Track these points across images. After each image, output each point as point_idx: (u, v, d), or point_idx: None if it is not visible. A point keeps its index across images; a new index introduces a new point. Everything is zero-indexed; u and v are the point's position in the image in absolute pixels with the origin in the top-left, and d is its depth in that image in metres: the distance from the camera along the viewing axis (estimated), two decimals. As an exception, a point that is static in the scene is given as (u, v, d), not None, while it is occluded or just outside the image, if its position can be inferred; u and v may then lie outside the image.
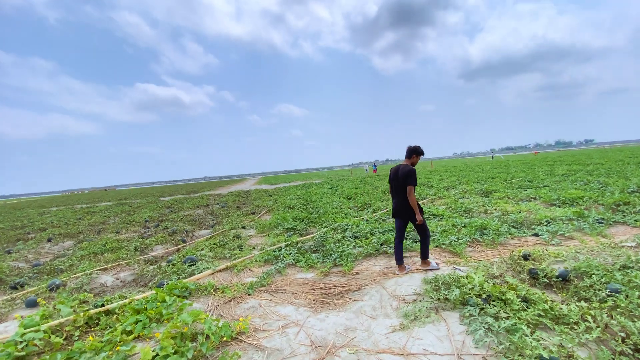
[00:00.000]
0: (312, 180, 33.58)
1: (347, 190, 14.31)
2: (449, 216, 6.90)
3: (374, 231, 5.98)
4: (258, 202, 14.35)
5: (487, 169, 23.61)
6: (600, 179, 10.65)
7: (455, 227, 5.80)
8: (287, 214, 9.06)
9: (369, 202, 10.22)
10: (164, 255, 6.30)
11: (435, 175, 20.91)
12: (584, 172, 14.20)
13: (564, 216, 5.84)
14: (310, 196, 13.92)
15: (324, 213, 8.78)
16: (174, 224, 9.86)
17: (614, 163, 17.81)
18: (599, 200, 6.98)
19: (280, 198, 15.15)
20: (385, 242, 5.13)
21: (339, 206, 10.13)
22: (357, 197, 12.30)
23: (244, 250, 5.69)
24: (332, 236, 5.96)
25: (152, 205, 17.38)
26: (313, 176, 50.09)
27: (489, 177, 15.99)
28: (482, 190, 10.79)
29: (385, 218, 7.63)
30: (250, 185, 35.99)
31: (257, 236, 7.02)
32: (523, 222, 6.07)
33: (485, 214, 7.26)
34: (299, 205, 11.14)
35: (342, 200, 11.37)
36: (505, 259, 4.13)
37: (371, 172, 37.74)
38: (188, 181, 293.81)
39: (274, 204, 12.55)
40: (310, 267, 4.51)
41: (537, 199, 8.63)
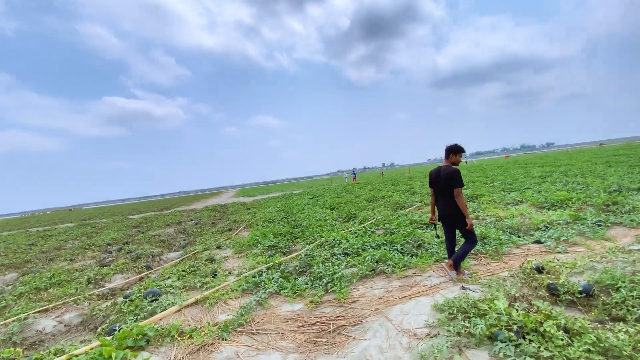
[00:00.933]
0: (292, 190, 32.81)
1: (330, 200, 13.76)
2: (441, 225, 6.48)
3: (366, 246, 5.42)
4: (235, 216, 13.45)
5: (464, 173, 23.97)
6: (577, 179, 10.78)
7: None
8: (267, 229, 8.33)
9: (354, 212, 9.70)
10: (123, 287, 5.41)
11: (415, 182, 20.86)
12: (559, 173, 14.52)
13: (560, 220, 5.57)
14: (291, 208, 13.23)
15: (307, 226, 8.13)
16: (140, 246, 8.82)
17: (582, 164, 18.51)
18: (588, 201, 6.85)
19: (260, 211, 14.33)
20: (381, 259, 4.56)
21: (323, 217, 9.52)
22: (340, 207, 11.76)
23: (218, 276, 4.92)
24: (319, 254, 5.33)
25: (118, 225, 15.96)
26: (292, 186, 49.27)
27: (469, 181, 16.02)
28: (467, 195, 10.59)
29: (374, 229, 7.11)
30: (228, 199, 34.62)
31: (234, 257, 6.25)
32: (519, 227, 5.75)
33: (477, 220, 6.92)
34: (279, 219, 10.42)
35: (325, 211, 10.78)
36: (517, 273, 3.68)
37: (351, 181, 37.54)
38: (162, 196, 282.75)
39: (252, 218, 11.73)
40: (297, 295, 3.84)
41: (525, 202, 8.46)
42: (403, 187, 16.84)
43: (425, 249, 5.14)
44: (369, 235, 6.75)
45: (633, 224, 5.01)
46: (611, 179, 9.68)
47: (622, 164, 15.01)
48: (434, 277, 3.91)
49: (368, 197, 13.91)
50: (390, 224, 7.28)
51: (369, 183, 25.93)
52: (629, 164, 14.48)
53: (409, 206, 10.30)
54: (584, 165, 17.15)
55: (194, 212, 19.52)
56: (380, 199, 13.20)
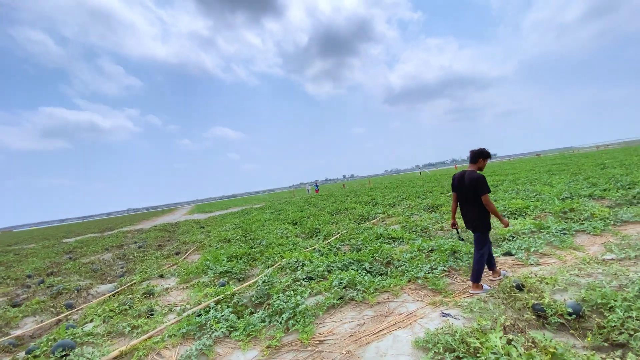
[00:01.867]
0: (252, 205, 31.47)
1: (292, 214, 13.09)
2: (408, 238, 6.17)
3: (332, 267, 4.86)
4: (186, 236, 12.17)
5: (420, 184, 24.72)
6: (527, 187, 11.34)
7: (422, 251, 5.01)
8: (221, 251, 7.43)
9: (317, 226, 9.14)
10: (34, 334, 4.27)
11: (376, 192, 20.98)
12: (508, 181, 15.38)
13: (525, 229, 5.52)
14: (251, 224, 12.32)
15: (267, 246, 7.39)
16: (66, 278, 7.39)
17: (526, 172, 19.98)
18: (545, 209, 7.02)
19: (215, 230, 13.17)
20: (350, 283, 4.02)
21: (285, 234, 8.83)
22: (303, 221, 11.14)
23: (155, 316, 4.02)
24: (279, 280, 4.66)
25: (46, 252, 13.68)
26: (253, 200, 47.58)
27: (427, 191, 16.37)
28: (428, 205, 10.60)
29: (339, 246, 6.59)
30: (180, 216, 32.21)
31: (179, 288, 5.31)
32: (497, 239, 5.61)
33: (442, 231, 6.74)
34: (236, 238, 9.51)
35: (287, 227, 10.08)
36: (497, 292, 3.36)
37: (313, 193, 37.13)
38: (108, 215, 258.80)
39: (205, 239, 10.63)
40: (251, 337, 3.14)
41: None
42: (365, 199, 16.72)
43: (395, 266, 4.73)
44: (335, 252, 6.22)
45: (597, 231, 5.04)
46: (559, 186, 10.28)
47: (563, 172, 16.36)
48: (409, 302, 3.45)
49: (331, 209, 13.48)
50: (356, 238, 6.83)
51: (332, 195, 25.68)
52: (569, 171, 15.82)
53: (372, 218, 10.02)
54: (529, 174, 18.47)
55: (140, 232, 17.59)
56: (343, 211, 12.83)
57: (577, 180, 11.37)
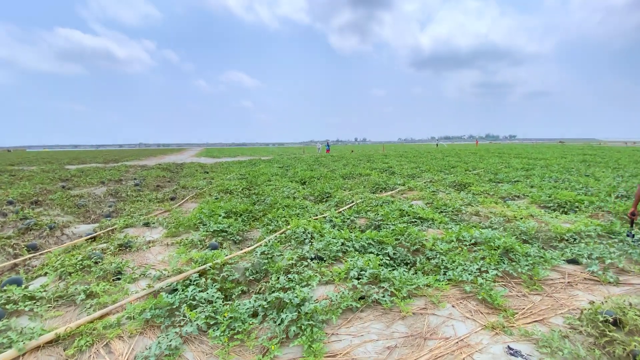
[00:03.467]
0: (261, 156, 30.60)
1: (301, 173, 12.10)
2: (440, 220, 5.16)
3: (347, 247, 3.92)
4: (187, 180, 11.38)
5: (439, 156, 23.24)
6: (567, 177, 10.03)
7: (463, 243, 4.01)
8: (219, 203, 6.57)
9: (328, 190, 8.17)
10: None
11: (391, 160, 19.73)
12: (540, 167, 13.97)
13: (589, 230, 4.43)
14: (257, 177, 11.42)
15: (271, 205, 6.48)
16: (48, 209, 6.71)
17: (557, 159, 18.32)
18: (603, 207, 5.86)
19: (218, 177, 12.35)
20: (372, 278, 3.06)
21: (292, 194, 7.90)
22: (313, 182, 10.17)
23: (121, 281, 3.20)
24: (281, 254, 3.76)
25: (42, 176, 13.17)
26: (262, 152, 46.73)
27: (450, 166, 15.10)
28: (455, 183, 9.47)
29: (353, 217, 5.64)
30: (188, 157, 31.67)
31: (163, 243, 4.49)
32: (536, 235, 4.56)
33: (477, 216, 5.70)
34: (239, 190, 8.64)
35: (295, 186, 9.14)
36: (580, 325, 2.39)
37: (324, 152, 35.92)
38: (120, 147, 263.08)
39: (207, 186, 9.81)
40: (236, 340, 2.27)
41: (522, 197, 7.43)
42: (380, 165, 15.57)
43: (427, 257, 3.78)
44: (349, 226, 5.29)
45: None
46: (605, 181, 8.97)
47: (599, 164, 14.80)
48: (457, 320, 2.51)
49: (343, 173, 12.43)
50: (374, 212, 5.86)
51: (343, 157, 24.50)
52: (607, 165, 14.25)
53: (390, 189, 8.99)
54: (561, 161, 16.89)
55: (143, 169, 16.97)
56: (357, 176, 11.79)
57: (624, 177, 10.00)
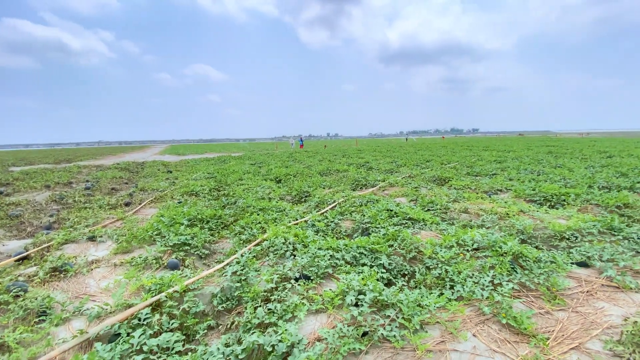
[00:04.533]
0: (231, 152, 29.23)
1: (275, 170, 11.35)
2: (431, 221, 4.73)
3: (337, 259, 3.34)
4: (147, 182, 10.25)
5: (411, 151, 23.40)
6: (542, 169, 10.16)
7: (464, 249, 3.57)
8: (182, 208, 5.73)
9: (306, 189, 7.55)
10: None
11: (366, 155, 19.46)
12: (511, 159, 14.26)
13: (590, 227, 4.18)
14: (226, 176, 10.53)
15: (244, 208, 5.75)
16: (-33, 223, 5.51)
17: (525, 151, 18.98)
18: (590, 199, 5.75)
19: (183, 176, 11.29)
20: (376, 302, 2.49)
21: (267, 194, 7.19)
22: (289, 180, 9.49)
23: (46, 322, 2.39)
24: (258, 272, 3.10)
25: (-27, 181, 11.35)
26: (232, 148, 44.97)
27: (424, 160, 15.05)
28: (434, 177, 9.22)
29: (338, 220, 5.07)
30: (151, 155, 29.58)
31: (109, 263, 3.65)
32: (535, 234, 4.27)
33: (467, 214, 5.36)
34: (206, 191, 7.77)
35: (269, 185, 8.42)
36: (623, 347, 1.99)
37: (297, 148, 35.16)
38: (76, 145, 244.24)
39: (169, 187, 8.81)
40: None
41: (505, 191, 7.27)
42: (356, 161, 15.18)
43: (427, 267, 3.30)
44: (334, 230, 4.71)
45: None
46: (580, 172, 9.12)
47: (565, 155, 15.41)
48: (484, 355, 2.02)
49: (320, 169, 11.86)
50: (360, 212, 5.34)
51: (317, 152, 23.95)
52: (574, 156, 14.85)
53: (371, 185, 8.54)
54: (529, 153, 17.46)
55: (99, 169, 15.34)
56: (334, 172, 11.26)
57: (595, 167, 10.32)
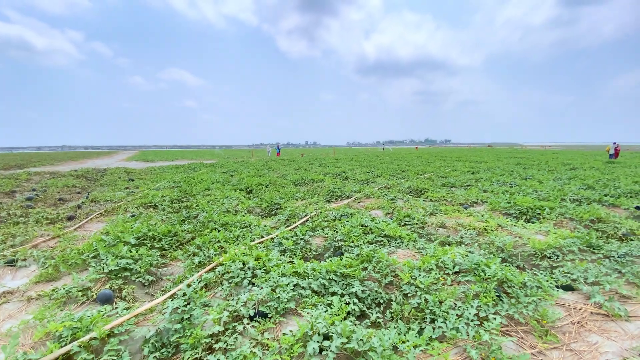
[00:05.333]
0: (203, 160, 28.09)
1: (247, 179, 10.75)
2: (408, 238, 4.39)
3: (302, 288, 2.88)
4: (102, 191, 9.32)
5: (387, 160, 23.53)
6: (513, 181, 10.28)
7: (445, 272, 3.22)
8: (132, 223, 5.04)
9: (278, 200, 7.05)
10: None
11: (343, 164, 19.25)
12: (483, 170, 14.50)
13: (570, 245, 4.00)
14: (193, 185, 9.81)
15: (204, 224, 5.16)
16: None
17: (495, 162, 19.57)
18: (564, 213, 5.69)
19: (145, 185, 10.43)
20: (349, 352, 2.04)
21: (233, 207, 6.61)
22: (260, 190, 8.94)
23: None
24: (203, 311, 2.57)
25: None
26: (206, 155, 43.49)
27: (400, 170, 15.00)
28: (410, 189, 9.02)
29: (308, 236, 4.62)
30: (117, 161, 27.82)
31: (23, 297, 2.97)
32: (516, 252, 4.03)
33: (444, 229, 5.09)
34: (166, 203, 7.08)
35: (238, 196, 7.83)
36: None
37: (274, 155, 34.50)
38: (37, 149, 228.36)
39: (125, 197, 7.99)
40: None
41: (480, 203, 7.15)
42: (332, 170, 14.86)
43: (404, 294, 2.91)
44: (303, 249, 4.25)
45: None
46: (549, 184, 9.27)
47: (533, 166, 15.94)
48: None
49: (295, 178, 11.40)
50: (332, 228, 4.92)
51: (294, 160, 23.49)
52: (541, 167, 15.38)
53: (346, 196, 8.19)
54: (499, 164, 17.97)
55: (52, 176, 13.98)
56: (309, 182, 10.84)
57: (562, 179, 10.60)
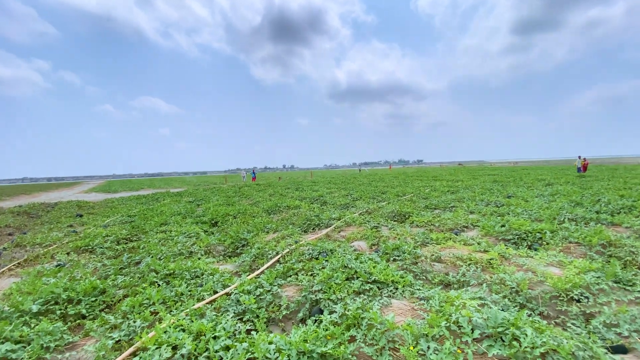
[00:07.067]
0: (170, 188, 26.36)
1: (213, 209, 9.62)
2: (403, 283, 3.53)
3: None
4: (38, 232, 7.85)
5: (365, 182, 23.04)
6: (497, 200, 9.88)
7: (461, 338, 2.37)
8: (49, 278, 3.86)
9: (245, 234, 6.03)
10: None
11: (321, 187, 18.46)
12: (464, 189, 14.21)
13: (596, 280, 3.30)
14: (148, 219, 8.55)
15: (143, 275, 4.05)
16: None
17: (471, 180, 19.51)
18: (568, 237, 5.10)
19: (94, 221, 9.02)
20: None
21: (188, 246, 5.51)
22: (227, 222, 7.86)
23: None
24: None
25: None
26: (176, 182, 41.35)
27: (379, 192, 14.39)
28: (393, 213, 8.28)
29: (277, 285, 3.65)
30: (75, 193, 25.47)
31: None
32: (534, 294, 3.27)
33: (441, 264, 4.30)
34: (107, 244, 5.85)
35: (197, 231, 6.72)
36: None
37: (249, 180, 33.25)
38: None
39: (62, 239, 6.63)
40: None
41: (471, 228, 6.51)
42: (310, 194, 13.99)
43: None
44: (269, 305, 3.26)
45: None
46: (534, 202, 8.90)
47: (509, 184, 15.88)
48: None
49: (268, 205, 10.40)
50: (309, 271, 3.99)
51: (270, 185, 22.45)
52: (517, 184, 15.34)
53: (324, 225, 7.31)
54: (476, 182, 17.86)
55: (-15, 215, 12.08)
56: (284, 209, 9.88)
57: (545, 196, 10.35)
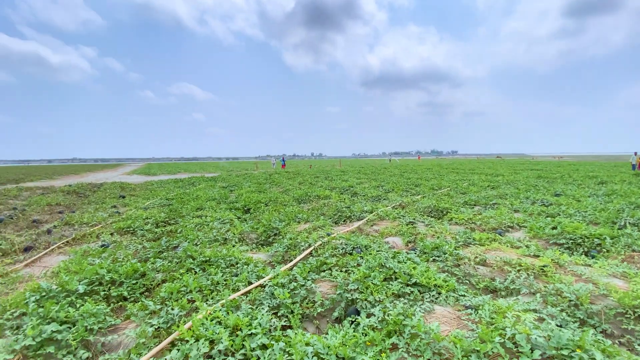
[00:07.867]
0: (205, 172, 27.35)
1: (246, 196, 9.78)
2: (446, 288, 3.30)
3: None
4: (87, 210, 8.42)
5: (396, 173, 22.38)
6: (545, 198, 9.11)
7: (518, 357, 2.13)
8: (94, 258, 4.06)
9: (277, 224, 6.03)
10: None
11: (350, 177, 18.20)
12: (504, 184, 13.32)
13: (673, 300, 2.88)
14: (186, 202, 8.87)
15: (181, 259, 4.15)
16: None
17: (512, 175, 18.22)
18: (632, 244, 4.54)
19: (135, 203, 9.52)
20: None
21: (223, 232, 5.61)
22: (259, 209, 7.94)
23: None
24: None
25: None
26: (211, 167, 42.89)
27: (412, 185, 13.87)
28: (430, 208, 7.91)
29: (311, 280, 3.56)
30: (118, 175, 27.26)
31: None
32: (597, 310, 2.91)
33: (486, 268, 4.00)
34: (148, 227, 6.11)
35: (232, 217, 6.83)
36: None
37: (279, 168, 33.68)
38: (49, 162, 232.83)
39: (106, 219, 7.05)
40: None
41: (516, 228, 6.03)
42: (339, 184, 13.81)
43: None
44: (304, 301, 3.18)
45: None
46: (587, 202, 8.09)
47: (556, 180, 14.66)
48: None
49: (298, 194, 10.40)
50: (343, 267, 3.87)
51: (299, 173, 22.53)
52: (564, 180, 14.13)
53: (356, 217, 7.14)
54: (518, 177, 16.68)
55: (43, 192, 13.22)
56: (314, 199, 9.83)
57: (598, 195, 9.39)
